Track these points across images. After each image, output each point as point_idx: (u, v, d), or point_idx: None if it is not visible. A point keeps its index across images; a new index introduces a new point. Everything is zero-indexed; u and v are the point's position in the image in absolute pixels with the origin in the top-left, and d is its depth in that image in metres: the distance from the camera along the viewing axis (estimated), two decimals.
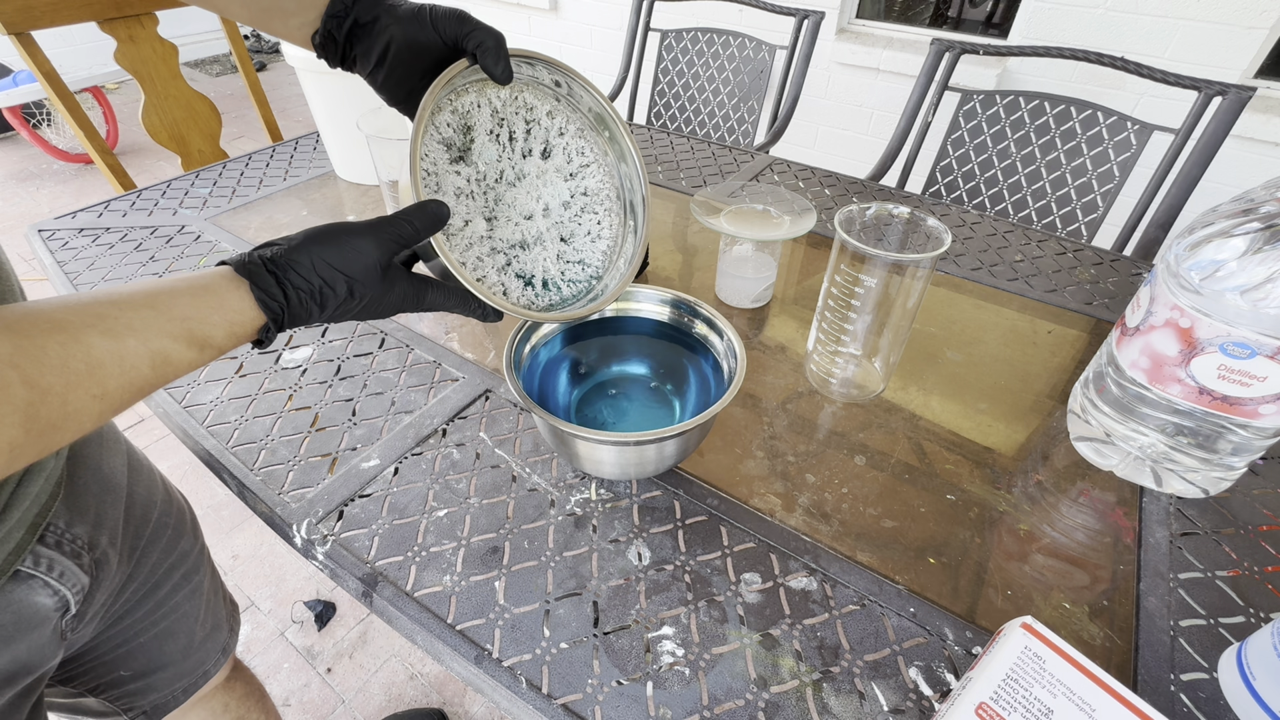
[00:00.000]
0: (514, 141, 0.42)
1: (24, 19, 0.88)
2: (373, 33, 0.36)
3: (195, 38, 3.40)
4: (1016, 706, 0.28)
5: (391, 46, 0.36)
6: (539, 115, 0.43)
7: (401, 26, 0.36)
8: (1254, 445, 0.39)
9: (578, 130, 0.46)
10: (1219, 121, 0.83)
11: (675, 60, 1.34)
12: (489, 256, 0.41)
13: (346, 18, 0.36)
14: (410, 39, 0.36)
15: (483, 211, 0.41)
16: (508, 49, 0.36)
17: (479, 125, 0.40)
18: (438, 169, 0.38)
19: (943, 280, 0.67)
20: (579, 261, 0.45)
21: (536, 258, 0.43)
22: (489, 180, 0.41)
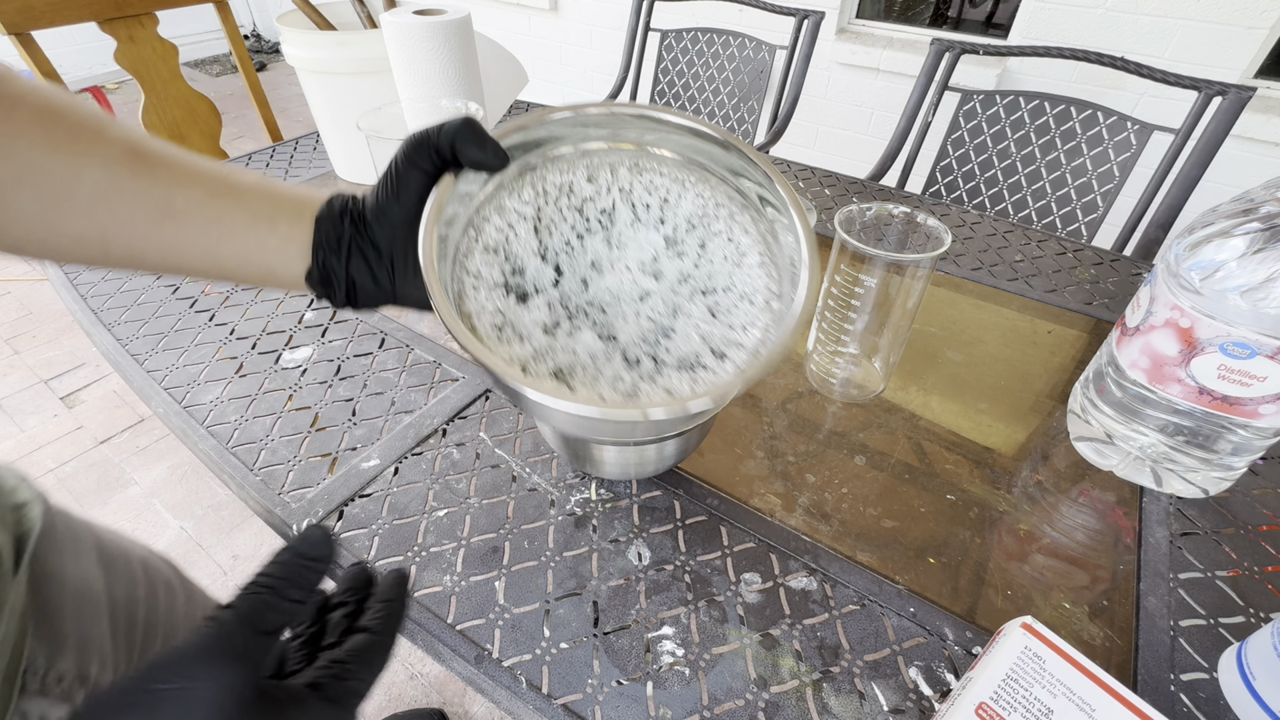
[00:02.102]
0: (596, 219, 0.34)
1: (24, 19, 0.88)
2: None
3: (195, 38, 3.40)
4: (1016, 706, 0.28)
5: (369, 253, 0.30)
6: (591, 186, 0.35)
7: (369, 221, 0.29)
8: (1254, 445, 0.39)
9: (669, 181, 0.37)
10: (1219, 121, 0.83)
11: (675, 60, 1.34)
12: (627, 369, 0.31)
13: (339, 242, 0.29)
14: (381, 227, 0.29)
15: (594, 329, 0.32)
16: (482, 128, 0.30)
17: (521, 245, 0.32)
18: (506, 314, 0.30)
19: (943, 280, 0.67)
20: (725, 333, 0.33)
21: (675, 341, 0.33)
22: (580, 292, 0.33)
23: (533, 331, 0.31)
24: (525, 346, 0.30)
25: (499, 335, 0.30)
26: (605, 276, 0.34)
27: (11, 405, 1.45)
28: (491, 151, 0.30)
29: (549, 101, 1.17)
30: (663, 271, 0.35)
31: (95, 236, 0.26)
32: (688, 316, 0.34)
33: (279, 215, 0.29)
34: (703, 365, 0.32)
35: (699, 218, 0.36)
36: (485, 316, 0.30)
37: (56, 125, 0.25)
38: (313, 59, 0.75)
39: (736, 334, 0.33)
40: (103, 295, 0.64)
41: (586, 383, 0.30)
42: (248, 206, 0.28)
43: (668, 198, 0.36)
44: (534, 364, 0.30)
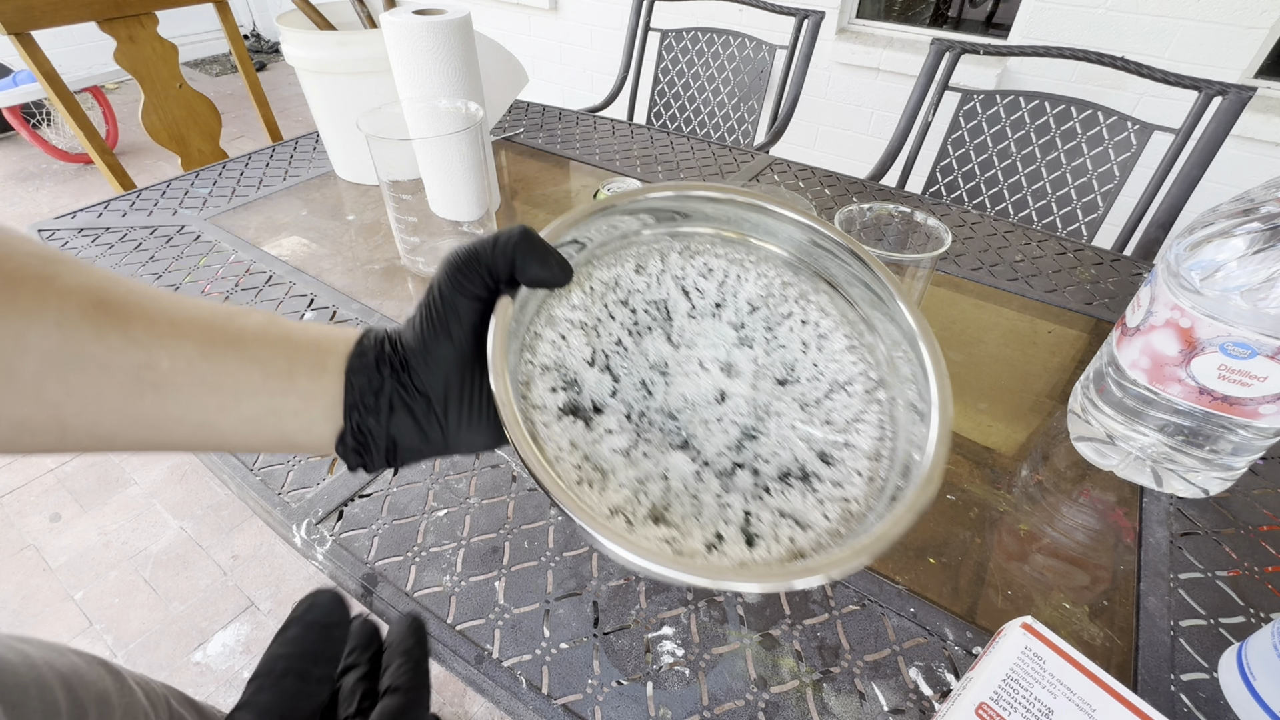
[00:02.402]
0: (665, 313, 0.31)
1: (24, 19, 0.88)
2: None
3: (195, 37, 3.41)
4: (1016, 706, 0.28)
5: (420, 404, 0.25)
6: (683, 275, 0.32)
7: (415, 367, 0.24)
8: (1254, 445, 0.39)
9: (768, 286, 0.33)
10: (1219, 121, 0.83)
11: (675, 60, 1.34)
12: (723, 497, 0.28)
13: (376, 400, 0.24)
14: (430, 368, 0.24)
15: (676, 445, 0.29)
16: (541, 239, 0.25)
17: (573, 355, 0.29)
18: (581, 447, 0.27)
19: (943, 280, 0.67)
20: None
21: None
22: (655, 403, 0.29)
23: (615, 464, 0.27)
24: (615, 492, 0.26)
25: (581, 479, 0.26)
26: (673, 379, 0.30)
27: None
28: (556, 265, 0.25)
29: (549, 102, 1.17)
30: (737, 367, 0.31)
31: (46, 421, 0.20)
32: (778, 416, 0.30)
33: (296, 369, 0.23)
34: (814, 475, 0.28)
35: (762, 298, 0.32)
36: (564, 461, 0.26)
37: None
38: (312, 59, 0.75)
39: (843, 432, 0.29)
40: None
41: (689, 520, 0.26)
42: (256, 361, 0.23)
43: (726, 280, 0.33)
44: (630, 508, 0.26)
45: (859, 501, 0.27)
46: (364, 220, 0.77)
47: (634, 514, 0.26)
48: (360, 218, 0.78)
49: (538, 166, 0.89)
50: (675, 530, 0.25)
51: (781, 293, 0.33)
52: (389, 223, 0.72)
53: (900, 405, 0.30)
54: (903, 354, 0.30)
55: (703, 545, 0.25)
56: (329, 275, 0.67)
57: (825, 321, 0.32)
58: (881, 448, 0.29)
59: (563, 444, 0.26)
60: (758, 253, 0.33)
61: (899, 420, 0.29)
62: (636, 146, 0.95)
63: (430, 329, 0.24)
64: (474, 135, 0.61)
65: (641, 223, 0.32)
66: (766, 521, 0.26)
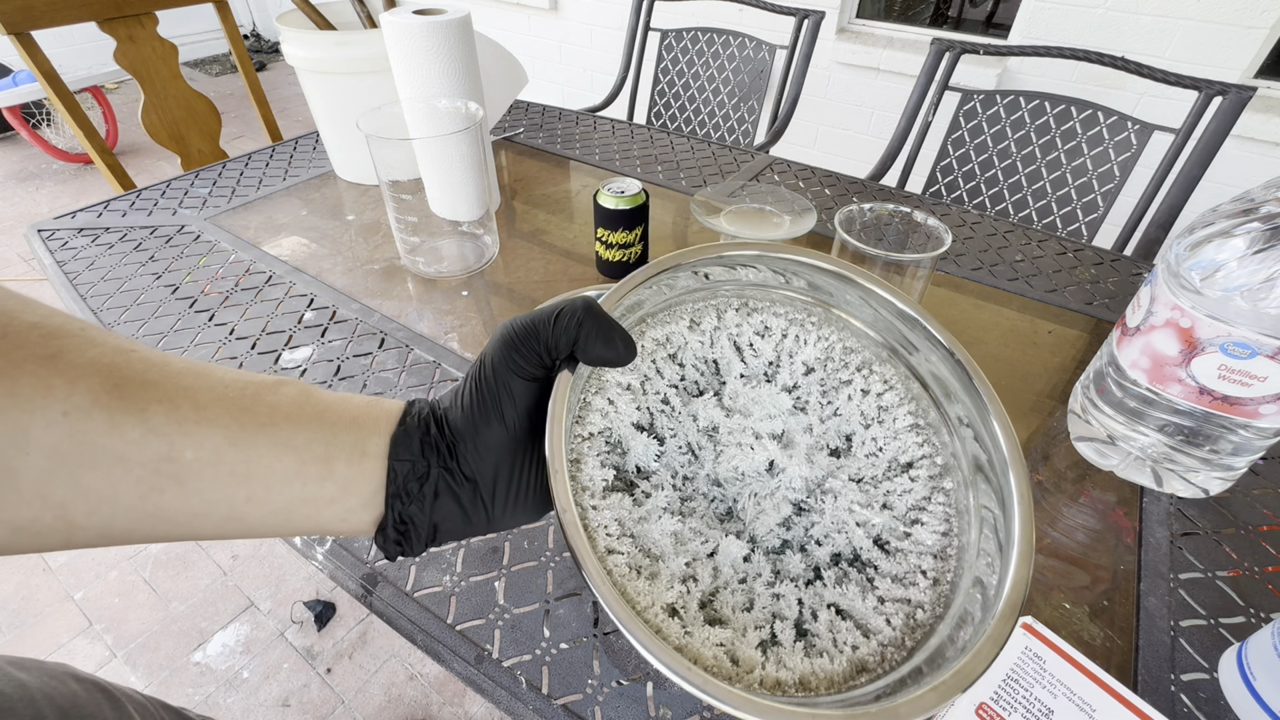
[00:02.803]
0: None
1: (23, 19, 0.88)
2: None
3: (195, 37, 3.41)
4: (1017, 707, 0.28)
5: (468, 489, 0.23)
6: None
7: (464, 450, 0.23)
8: (1254, 445, 0.39)
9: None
10: (1219, 121, 0.83)
11: (675, 60, 1.34)
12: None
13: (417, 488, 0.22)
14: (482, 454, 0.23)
15: (722, 521, 0.28)
16: (606, 314, 0.23)
17: (619, 418, 0.27)
18: (629, 528, 0.25)
19: (943, 280, 0.67)
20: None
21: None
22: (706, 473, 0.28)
23: (664, 548, 0.25)
24: (668, 587, 0.24)
25: (631, 565, 0.24)
26: (723, 448, 0.28)
27: None
28: (621, 343, 0.23)
29: (549, 101, 1.17)
30: (791, 435, 0.29)
31: (51, 523, 0.18)
32: (834, 495, 0.28)
33: (334, 454, 0.21)
34: (871, 564, 0.26)
35: (820, 361, 0.31)
36: (620, 553, 0.24)
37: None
38: (312, 59, 0.75)
39: (903, 520, 0.27)
40: (102, 295, 0.64)
41: (739, 614, 0.24)
42: (290, 446, 0.21)
43: (784, 340, 0.31)
44: (682, 601, 0.24)
45: (925, 609, 0.25)
46: (364, 220, 0.77)
47: (686, 608, 0.24)
48: (360, 218, 0.78)
49: (538, 166, 0.89)
50: (729, 630, 0.24)
51: (843, 358, 0.31)
52: (389, 223, 0.72)
53: (965, 499, 0.27)
54: (974, 440, 0.28)
55: (757, 649, 0.23)
56: (329, 275, 0.67)
57: (889, 395, 0.30)
58: (948, 546, 0.26)
59: (610, 528, 0.24)
60: (820, 315, 0.31)
61: (966, 517, 0.27)
62: (636, 146, 0.95)
63: (481, 411, 0.23)
64: (474, 135, 0.61)
65: (700, 280, 0.30)
66: (824, 621, 0.25)
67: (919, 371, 0.30)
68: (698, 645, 0.22)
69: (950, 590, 0.25)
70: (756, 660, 0.23)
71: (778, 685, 0.23)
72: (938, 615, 0.25)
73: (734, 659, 0.23)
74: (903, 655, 0.24)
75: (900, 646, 0.24)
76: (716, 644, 0.23)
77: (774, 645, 0.24)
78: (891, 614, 0.25)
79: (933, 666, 0.22)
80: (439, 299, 0.63)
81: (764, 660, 0.23)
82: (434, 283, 0.66)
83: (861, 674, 0.23)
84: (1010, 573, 0.23)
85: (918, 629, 0.25)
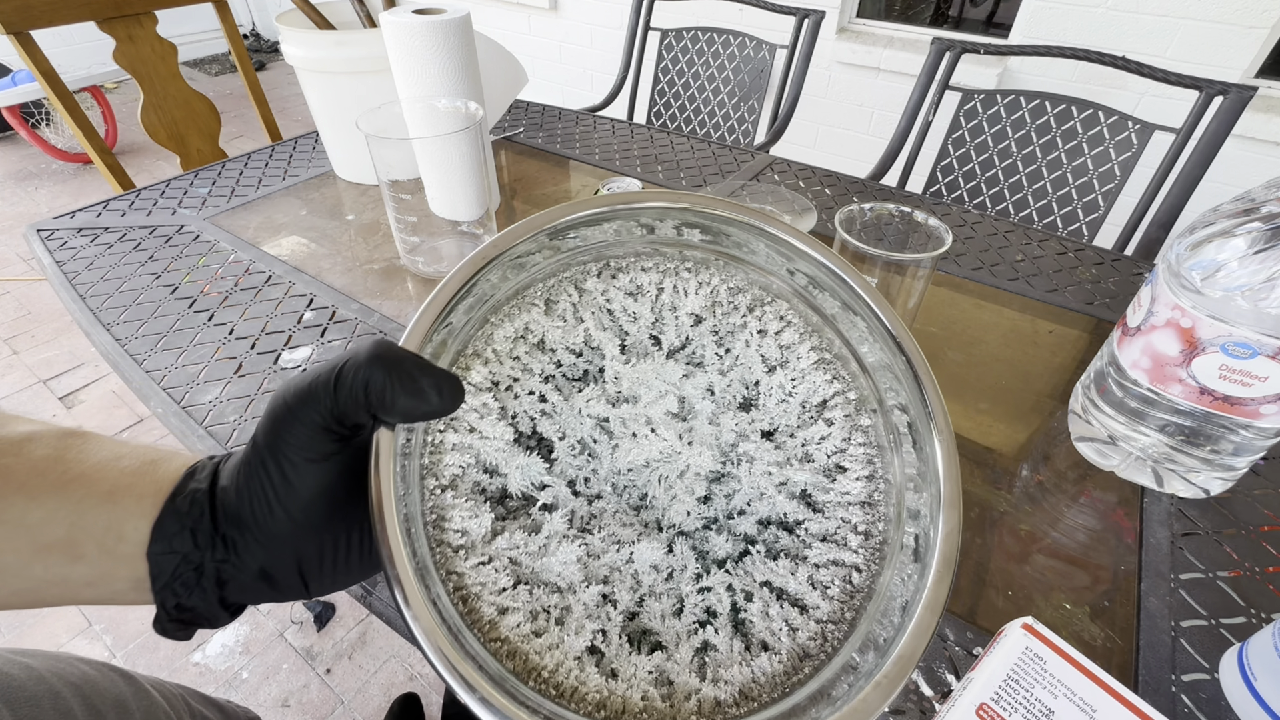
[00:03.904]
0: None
1: (23, 18, 0.88)
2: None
3: (194, 37, 3.40)
4: (1017, 707, 0.28)
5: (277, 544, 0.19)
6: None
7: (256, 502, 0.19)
8: (1255, 445, 0.39)
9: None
10: (1220, 121, 0.83)
11: (675, 60, 1.34)
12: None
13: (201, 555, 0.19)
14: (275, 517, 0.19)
15: (634, 522, 0.26)
16: (405, 355, 0.19)
17: (489, 444, 0.24)
18: (527, 571, 0.23)
19: (943, 280, 0.67)
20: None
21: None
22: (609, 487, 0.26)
23: (570, 578, 0.22)
24: (577, 632, 0.21)
25: (536, 618, 0.21)
26: (618, 441, 0.26)
27: (10, 405, 1.45)
28: (435, 389, 0.18)
29: (549, 101, 1.16)
30: (691, 403, 0.27)
31: None
32: (749, 461, 0.26)
33: (80, 538, 0.18)
34: (801, 525, 0.25)
35: (708, 308, 0.28)
36: (514, 609, 0.21)
37: None
38: (312, 58, 0.75)
39: (827, 473, 0.25)
40: (101, 295, 0.64)
41: (669, 621, 0.23)
42: (21, 525, 0.18)
43: (661, 294, 0.28)
44: (605, 628, 0.22)
45: (860, 569, 0.24)
46: (363, 220, 0.77)
47: (608, 640, 0.22)
48: (360, 217, 0.78)
49: (537, 166, 0.89)
50: (661, 653, 0.22)
51: (730, 300, 0.28)
52: (388, 222, 0.72)
53: (883, 435, 0.26)
54: (879, 359, 0.26)
55: (692, 663, 0.22)
56: (328, 275, 0.67)
57: (788, 332, 0.27)
58: (874, 491, 0.25)
59: (500, 580, 0.21)
60: (695, 259, 0.28)
61: (887, 454, 0.25)
62: (636, 146, 0.95)
63: (258, 504, 0.19)
64: (473, 135, 0.61)
65: (548, 253, 0.26)
66: (758, 605, 0.23)
67: (817, 304, 0.27)
68: (622, 691, 0.21)
69: (881, 542, 0.24)
70: (692, 686, 0.21)
71: (717, 707, 0.21)
72: (873, 573, 0.24)
73: (669, 684, 0.21)
74: (844, 632, 0.23)
75: (840, 621, 0.23)
76: (647, 673, 0.21)
77: (711, 652, 0.23)
78: (827, 582, 0.24)
79: (875, 649, 0.21)
80: None
81: (700, 683, 0.21)
82: (434, 283, 0.66)
83: (804, 662, 0.22)
84: (940, 526, 0.22)
85: (856, 594, 0.23)
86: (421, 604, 0.18)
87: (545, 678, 0.20)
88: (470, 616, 0.20)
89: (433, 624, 0.18)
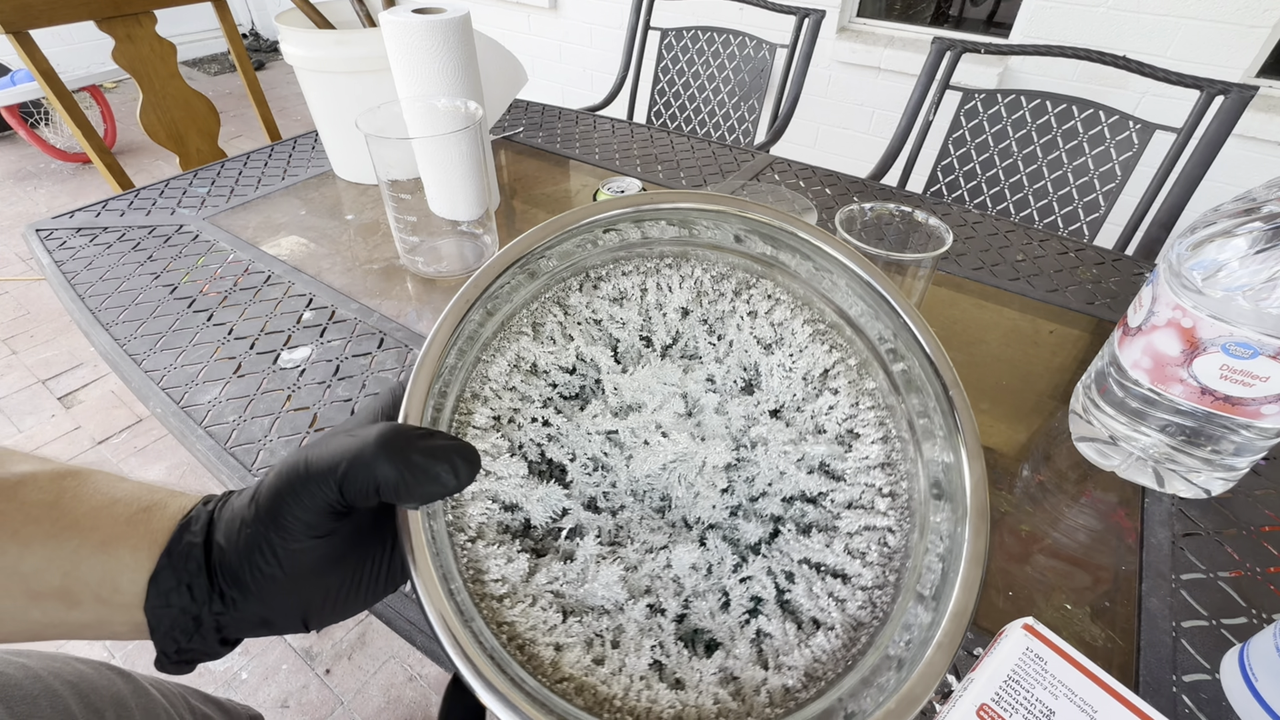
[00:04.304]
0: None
1: (21, 18, 0.88)
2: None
3: (193, 36, 3.40)
4: (1018, 708, 0.28)
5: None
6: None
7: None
8: (1256, 446, 0.39)
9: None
10: (1221, 121, 0.83)
11: (675, 59, 1.34)
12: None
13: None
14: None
15: (667, 528, 0.26)
16: (415, 437, 0.18)
17: (505, 484, 0.24)
18: (568, 589, 0.23)
19: (944, 280, 0.67)
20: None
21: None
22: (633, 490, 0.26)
23: (616, 595, 0.22)
24: (637, 645, 0.21)
25: (592, 644, 0.21)
26: (630, 452, 0.26)
27: (9, 406, 1.45)
28: (450, 471, 0.18)
29: (548, 101, 1.16)
30: (697, 400, 0.27)
31: None
32: (764, 444, 0.26)
33: (76, 587, 0.19)
34: (825, 497, 0.25)
35: (694, 300, 0.28)
36: (571, 642, 0.21)
37: None
38: (311, 58, 0.74)
39: (841, 442, 0.25)
40: (100, 295, 0.64)
41: (718, 616, 0.23)
42: (15, 574, 0.18)
43: (645, 296, 0.27)
44: (660, 640, 0.22)
45: (894, 531, 0.23)
46: (363, 220, 0.77)
47: (666, 653, 0.21)
48: (359, 217, 0.78)
49: (537, 166, 0.89)
50: (720, 650, 0.22)
51: (716, 288, 0.28)
52: (388, 222, 0.72)
53: (890, 396, 0.25)
54: (872, 316, 0.25)
55: (751, 653, 0.21)
56: (328, 275, 0.67)
57: (779, 310, 0.27)
58: (891, 451, 0.25)
59: (548, 619, 0.21)
60: (674, 253, 0.27)
61: (896, 413, 0.25)
62: (636, 146, 0.95)
63: (259, 571, 0.18)
64: (473, 134, 0.60)
65: (524, 278, 0.26)
66: (801, 587, 0.23)
67: (790, 268, 0.27)
68: (693, 700, 0.20)
69: (908, 498, 0.24)
70: (758, 678, 0.21)
71: (787, 694, 0.21)
72: (907, 532, 0.23)
73: (734, 680, 0.21)
74: (891, 595, 0.22)
75: (885, 585, 0.23)
76: (712, 675, 0.21)
77: (767, 640, 0.22)
78: (864, 549, 0.23)
79: (926, 605, 0.21)
80: (438, 299, 0.63)
81: (764, 672, 0.21)
82: (433, 282, 0.66)
83: (859, 631, 0.22)
84: (966, 476, 0.21)
85: (894, 556, 0.23)
86: (504, 683, 0.17)
87: (618, 706, 0.20)
88: (532, 664, 0.20)
89: (519, 699, 0.17)
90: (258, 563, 0.18)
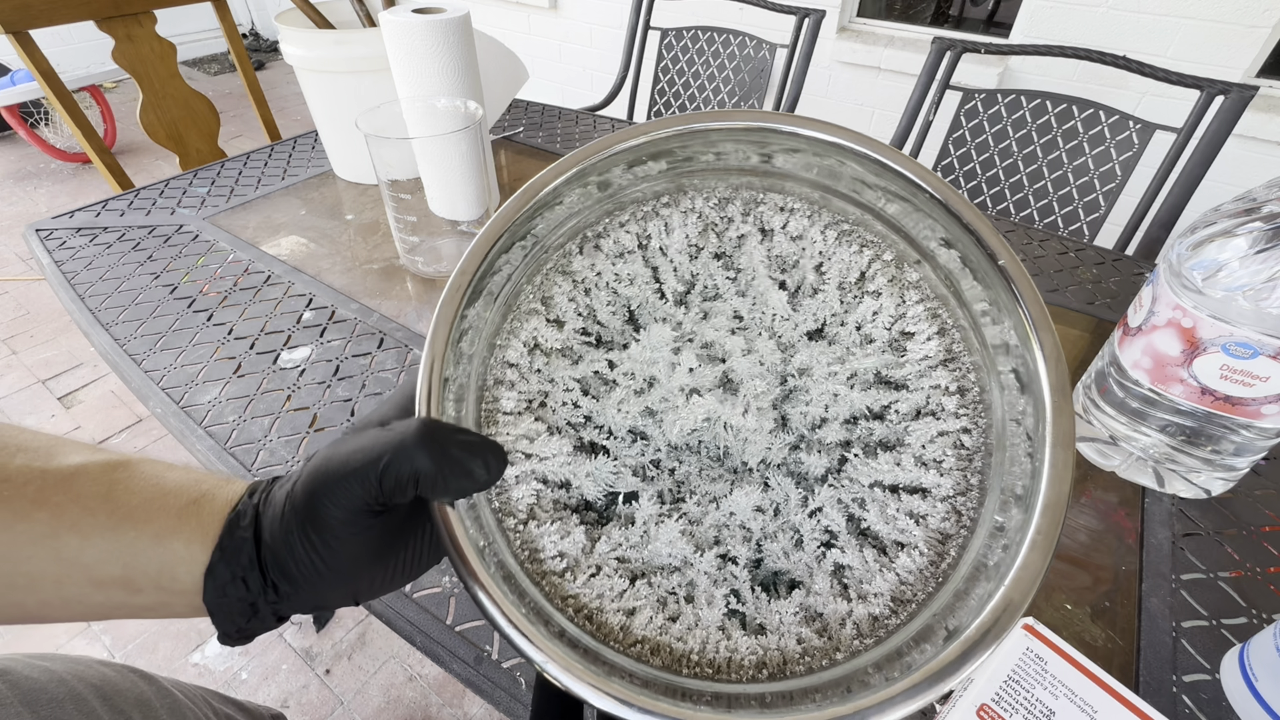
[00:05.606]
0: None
1: (21, 17, 0.88)
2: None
3: (193, 36, 3.40)
4: (1018, 708, 0.28)
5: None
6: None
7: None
8: (1256, 446, 0.39)
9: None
10: (1221, 121, 0.83)
11: (675, 59, 1.34)
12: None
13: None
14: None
15: (722, 474, 0.25)
16: (451, 434, 0.19)
17: (551, 465, 0.23)
18: (633, 552, 0.22)
19: None
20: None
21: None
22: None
23: (683, 551, 0.22)
24: (709, 597, 0.21)
25: (669, 610, 0.21)
26: (662, 415, 0.25)
27: (9, 406, 1.45)
28: (482, 467, 0.19)
29: (548, 100, 1.16)
30: (722, 344, 0.26)
31: None
32: (809, 373, 0.24)
33: (136, 576, 0.20)
34: (885, 410, 0.23)
35: (698, 233, 0.26)
36: (641, 604, 0.20)
37: None
38: (311, 58, 0.74)
39: (894, 348, 0.23)
40: (100, 295, 0.64)
41: (795, 555, 0.22)
42: (77, 564, 0.19)
43: (645, 246, 0.26)
44: (736, 587, 0.22)
45: (969, 431, 0.22)
46: (363, 220, 0.77)
47: (742, 599, 0.21)
48: (359, 217, 0.78)
49: (537, 166, 0.89)
50: (799, 589, 0.21)
51: (721, 214, 0.26)
52: (388, 222, 0.72)
53: (937, 283, 0.23)
54: (898, 206, 0.23)
55: (831, 584, 0.21)
56: (327, 275, 0.67)
57: (794, 221, 0.25)
58: (951, 344, 0.23)
59: (617, 581, 0.21)
60: (668, 187, 0.26)
61: (949, 304, 0.23)
62: None
63: (303, 567, 0.19)
64: (473, 134, 0.60)
65: (520, 251, 0.25)
66: (875, 512, 0.22)
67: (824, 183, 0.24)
68: (776, 644, 0.20)
69: (979, 391, 0.22)
70: (842, 611, 0.20)
71: (875, 623, 0.20)
72: (983, 428, 0.22)
73: (818, 618, 0.20)
74: (976, 499, 0.21)
75: (967, 490, 0.21)
76: (793, 615, 0.20)
77: (847, 572, 0.21)
78: (938, 457, 0.22)
79: (1016, 503, 0.19)
80: (438, 299, 0.63)
81: (848, 604, 0.20)
82: (433, 282, 0.66)
83: (947, 544, 0.21)
84: (1036, 352, 0.19)
85: (974, 456, 0.22)
86: (566, 658, 0.17)
87: (696, 660, 0.19)
88: (601, 632, 0.20)
89: (582, 667, 0.17)
90: (301, 560, 0.19)
